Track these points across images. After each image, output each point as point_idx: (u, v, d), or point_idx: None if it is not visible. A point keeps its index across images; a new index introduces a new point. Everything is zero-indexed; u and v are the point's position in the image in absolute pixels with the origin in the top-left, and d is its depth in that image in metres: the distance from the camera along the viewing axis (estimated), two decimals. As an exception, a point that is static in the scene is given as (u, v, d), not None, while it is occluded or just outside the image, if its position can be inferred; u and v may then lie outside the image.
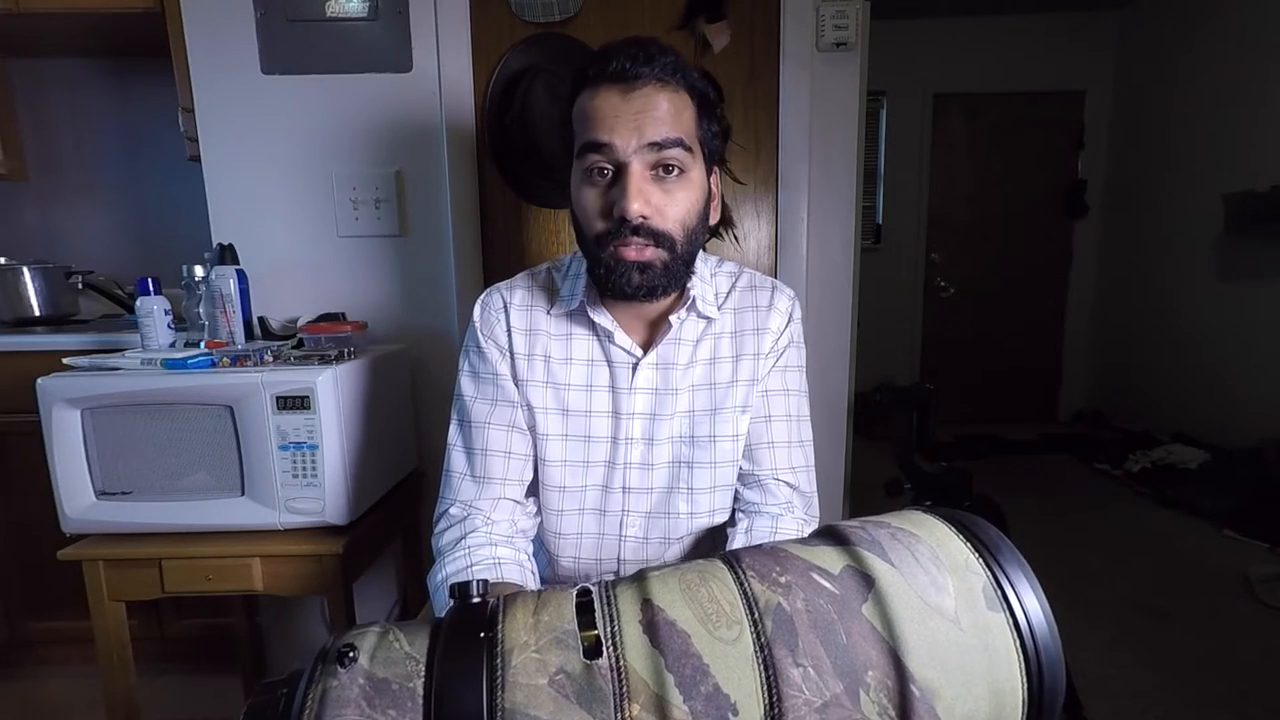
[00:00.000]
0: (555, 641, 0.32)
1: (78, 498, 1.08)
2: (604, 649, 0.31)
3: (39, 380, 1.06)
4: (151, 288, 1.21)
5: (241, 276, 1.29)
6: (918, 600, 0.32)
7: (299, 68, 1.43)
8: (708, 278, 0.80)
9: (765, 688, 0.31)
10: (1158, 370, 3.44)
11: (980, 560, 0.34)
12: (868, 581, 0.33)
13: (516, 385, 0.78)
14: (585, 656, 0.31)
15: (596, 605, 0.34)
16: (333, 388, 1.08)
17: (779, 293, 0.81)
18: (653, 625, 0.32)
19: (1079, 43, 3.66)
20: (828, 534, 0.38)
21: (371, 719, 0.30)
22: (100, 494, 1.09)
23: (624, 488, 0.78)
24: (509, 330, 0.78)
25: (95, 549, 1.09)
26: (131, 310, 1.53)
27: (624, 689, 0.30)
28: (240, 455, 1.08)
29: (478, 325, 0.79)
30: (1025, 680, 0.31)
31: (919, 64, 3.68)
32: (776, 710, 0.30)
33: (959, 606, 0.32)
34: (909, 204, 3.87)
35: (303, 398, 1.05)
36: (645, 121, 0.65)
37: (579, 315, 0.77)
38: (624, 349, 0.76)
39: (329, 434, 1.07)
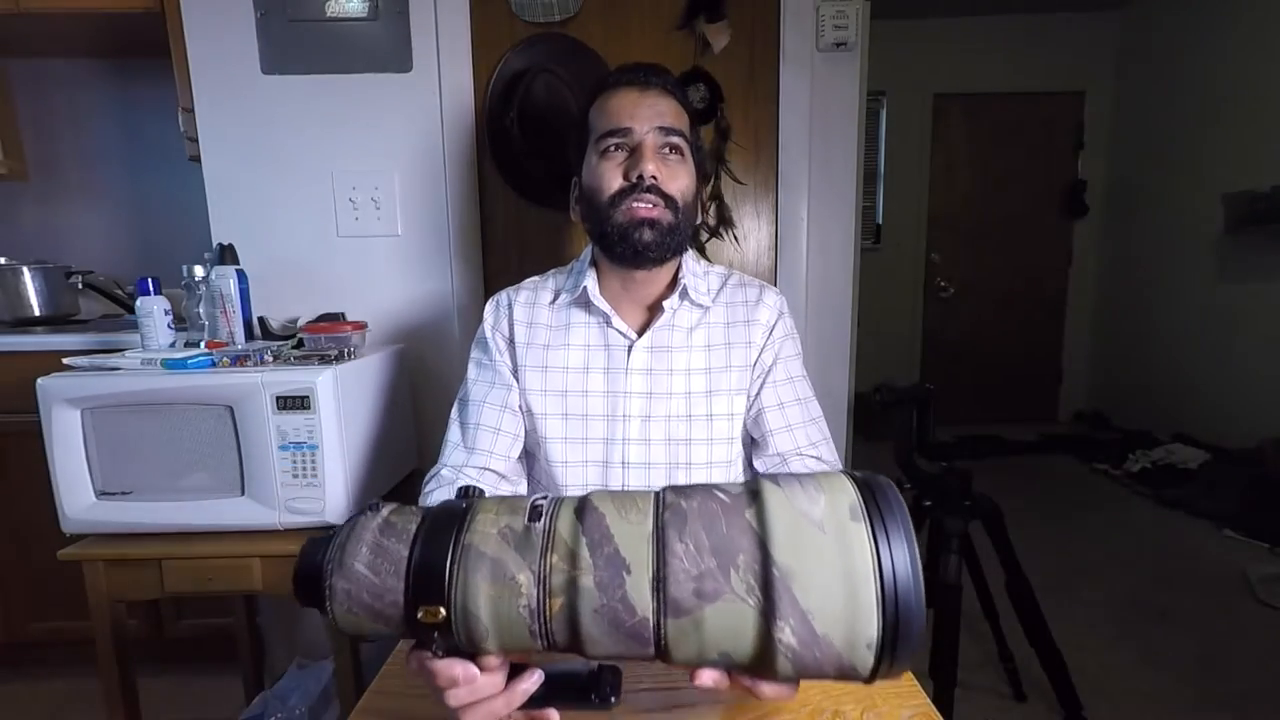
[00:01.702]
0: (510, 510, 0.43)
1: (78, 498, 1.08)
2: (542, 518, 0.42)
3: (39, 380, 1.06)
4: (151, 288, 1.20)
5: (241, 276, 1.29)
6: (791, 508, 0.39)
7: (299, 68, 1.43)
8: (700, 274, 0.88)
9: (654, 556, 0.39)
10: (1158, 370, 3.44)
11: (855, 488, 0.40)
12: (755, 496, 0.41)
13: (517, 370, 0.86)
14: (527, 520, 0.42)
15: (547, 502, 0.44)
16: (333, 388, 1.08)
17: (766, 290, 0.89)
18: (581, 510, 0.42)
19: (1079, 43, 3.66)
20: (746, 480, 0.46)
21: (379, 541, 0.43)
22: (100, 494, 1.09)
23: (623, 462, 0.84)
24: (512, 323, 0.87)
25: (95, 549, 1.09)
26: (131, 310, 1.53)
27: (549, 544, 0.41)
28: (240, 455, 1.08)
29: (487, 320, 0.89)
30: (878, 577, 0.36)
31: (919, 64, 3.68)
32: (661, 574, 0.38)
33: (825, 515, 0.39)
34: (909, 204, 3.87)
35: (303, 398, 1.05)
36: (655, 113, 0.79)
37: (579, 304, 0.86)
38: (620, 332, 0.84)
39: (329, 434, 1.07)
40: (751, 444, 0.88)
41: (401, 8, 1.42)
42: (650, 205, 0.77)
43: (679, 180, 0.80)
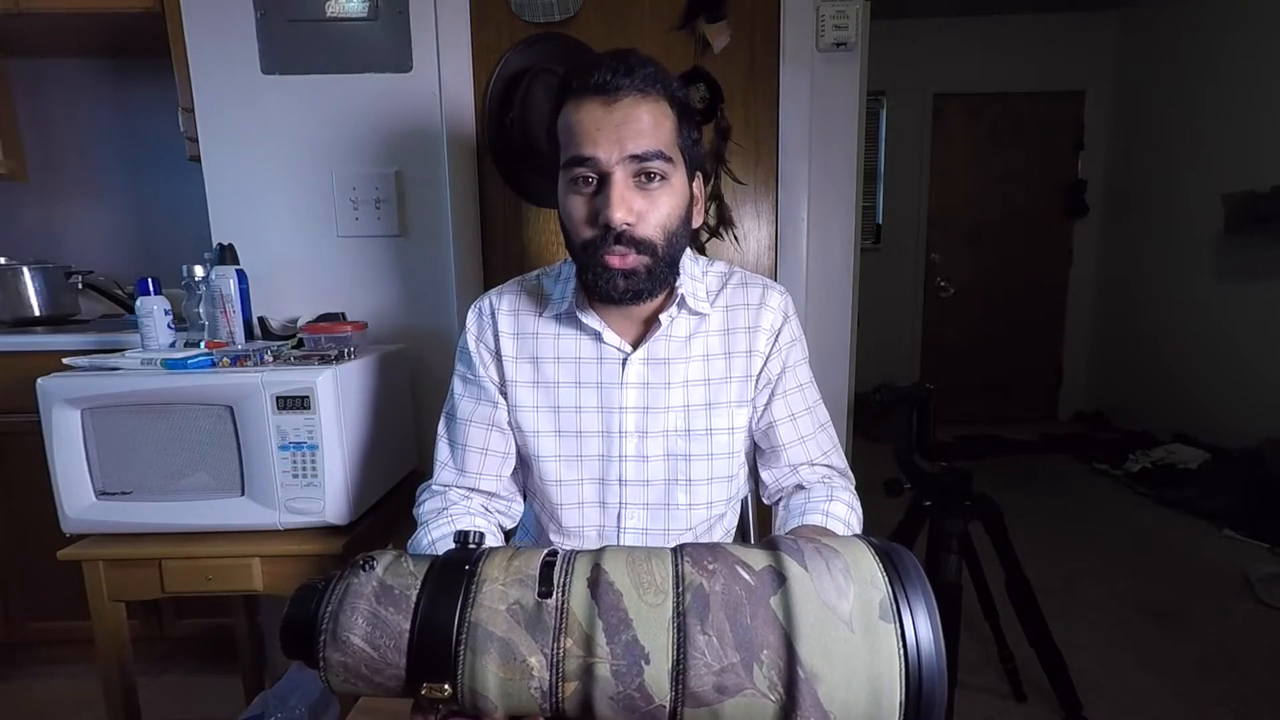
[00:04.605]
0: (519, 581, 0.41)
1: (78, 498, 1.08)
2: (554, 593, 0.40)
3: (39, 380, 1.06)
4: (151, 288, 1.20)
5: (241, 276, 1.29)
6: (819, 600, 0.38)
7: (299, 68, 1.43)
8: (699, 276, 0.82)
9: (675, 646, 0.37)
10: (1158, 370, 3.44)
11: (885, 579, 0.39)
12: (781, 579, 0.39)
13: (505, 386, 0.82)
14: (539, 596, 0.40)
15: (557, 564, 0.42)
16: (333, 388, 1.08)
17: (770, 290, 0.83)
18: (596, 583, 0.40)
19: (1079, 43, 3.66)
20: (766, 543, 0.44)
21: (376, 611, 0.40)
22: (100, 494, 1.09)
23: (620, 480, 0.80)
24: (497, 335, 0.82)
25: (95, 549, 1.09)
26: (131, 310, 1.53)
27: (563, 625, 0.39)
28: (240, 455, 1.08)
29: (470, 330, 0.84)
30: (904, 684, 0.36)
31: (919, 64, 3.68)
32: (681, 666, 0.37)
33: (854, 611, 0.37)
34: (909, 204, 3.87)
35: (303, 398, 1.05)
36: (626, 134, 0.67)
37: (568, 317, 0.80)
38: (613, 346, 0.79)
39: (329, 434, 1.07)
40: (758, 452, 0.85)
41: (401, 8, 1.42)
42: (623, 256, 0.69)
43: (658, 210, 0.70)
